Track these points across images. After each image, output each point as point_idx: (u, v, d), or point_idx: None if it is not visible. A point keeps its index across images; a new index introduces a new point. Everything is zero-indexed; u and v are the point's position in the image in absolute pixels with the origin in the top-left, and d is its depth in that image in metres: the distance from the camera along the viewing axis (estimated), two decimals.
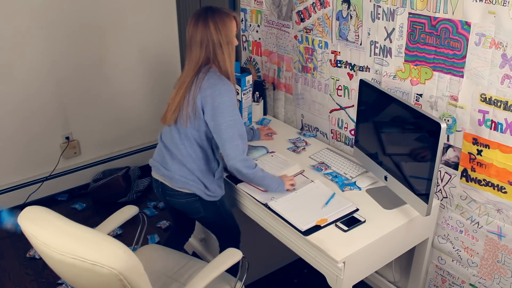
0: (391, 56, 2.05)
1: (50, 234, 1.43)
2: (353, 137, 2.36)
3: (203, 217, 2.09)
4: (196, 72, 1.91)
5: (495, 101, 1.73)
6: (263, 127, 2.55)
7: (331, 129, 2.51)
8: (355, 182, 2.10)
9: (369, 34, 2.11)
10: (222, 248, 2.27)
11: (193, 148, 1.95)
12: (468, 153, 1.88)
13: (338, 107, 2.42)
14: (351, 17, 2.17)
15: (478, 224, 1.94)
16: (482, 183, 1.86)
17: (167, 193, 2.05)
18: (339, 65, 2.33)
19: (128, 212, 2.00)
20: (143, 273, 1.45)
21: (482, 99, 1.77)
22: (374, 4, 2.04)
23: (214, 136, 1.91)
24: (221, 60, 1.92)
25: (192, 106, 1.88)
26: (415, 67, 1.96)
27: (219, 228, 2.17)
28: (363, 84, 2.05)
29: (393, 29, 1.99)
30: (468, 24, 1.73)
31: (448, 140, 1.93)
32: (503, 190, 1.80)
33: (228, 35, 1.92)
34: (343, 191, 2.04)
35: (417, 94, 2.00)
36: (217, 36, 1.88)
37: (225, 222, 2.13)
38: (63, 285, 2.58)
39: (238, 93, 2.49)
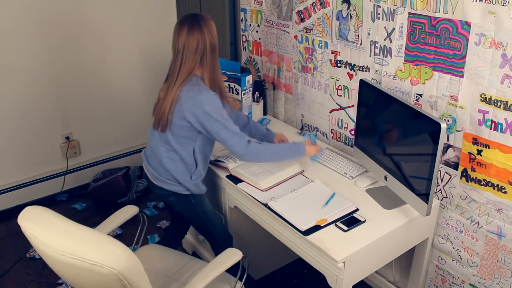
0: (391, 56, 2.05)
1: (50, 234, 1.43)
2: (353, 137, 2.36)
3: (180, 211, 2.18)
4: (182, 81, 1.96)
5: (495, 101, 1.73)
6: (279, 134, 2.38)
7: (331, 129, 2.51)
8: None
9: (369, 34, 2.11)
10: (215, 253, 2.27)
11: (171, 152, 2.03)
12: (468, 153, 1.88)
13: (338, 107, 2.42)
14: (351, 17, 2.17)
15: (478, 224, 1.94)
16: (482, 183, 1.86)
17: (150, 183, 2.17)
18: (339, 65, 2.33)
19: (128, 212, 2.00)
20: (143, 273, 1.46)
21: (482, 99, 1.77)
22: (374, 4, 2.04)
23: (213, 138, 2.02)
24: (211, 65, 1.96)
25: (176, 116, 1.95)
26: (415, 67, 1.96)
27: (200, 228, 2.26)
28: (363, 84, 2.05)
29: (393, 29, 1.99)
30: (468, 24, 1.73)
31: (448, 140, 1.93)
32: (503, 190, 1.80)
33: (216, 39, 1.98)
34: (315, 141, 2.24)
35: (417, 94, 2.00)
36: (211, 40, 1.94)
37: (203, 223, 2.18)
38: (63, 285, 2.58)
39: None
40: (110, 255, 1.36)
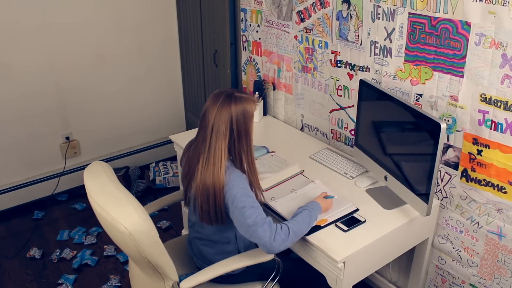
0: (391, 56, 2.05)
1: (94, 186, 1.62)
2: (353, 137, 2.36)
3: None
4: None
5: (495, 101, 1.73)
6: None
7: (331, 129, 2.51)
8: None
9: (369, 34, 2.11)
10: None
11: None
12: (468, 153, 1.88)
13: (338, 107, 2.42)
14: (351, 17, 2.17)
15: (478, 224, 1.94)
16: (482, 183, 1.86)
17: None
18: (339, 65, 2.33)
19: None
20: (157, 242, 1.53)
21: (482, 99, 1.77)
22: (374, 4, 2.04)
23: None
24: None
25: None
26: (415, 67, 1.96)
27: None
28: (363, 84, 2.05)
29: (393, 29, 1.99)
30: (468, 24, 1.73)
31: (448, 140, 1.93)
32: (503, 190, 1.80)
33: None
34: None
35: (417, 94, 2.00)
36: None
37: None
38: (63, 285, 2.58)
39: None
40: (125, 215, 1.47)
